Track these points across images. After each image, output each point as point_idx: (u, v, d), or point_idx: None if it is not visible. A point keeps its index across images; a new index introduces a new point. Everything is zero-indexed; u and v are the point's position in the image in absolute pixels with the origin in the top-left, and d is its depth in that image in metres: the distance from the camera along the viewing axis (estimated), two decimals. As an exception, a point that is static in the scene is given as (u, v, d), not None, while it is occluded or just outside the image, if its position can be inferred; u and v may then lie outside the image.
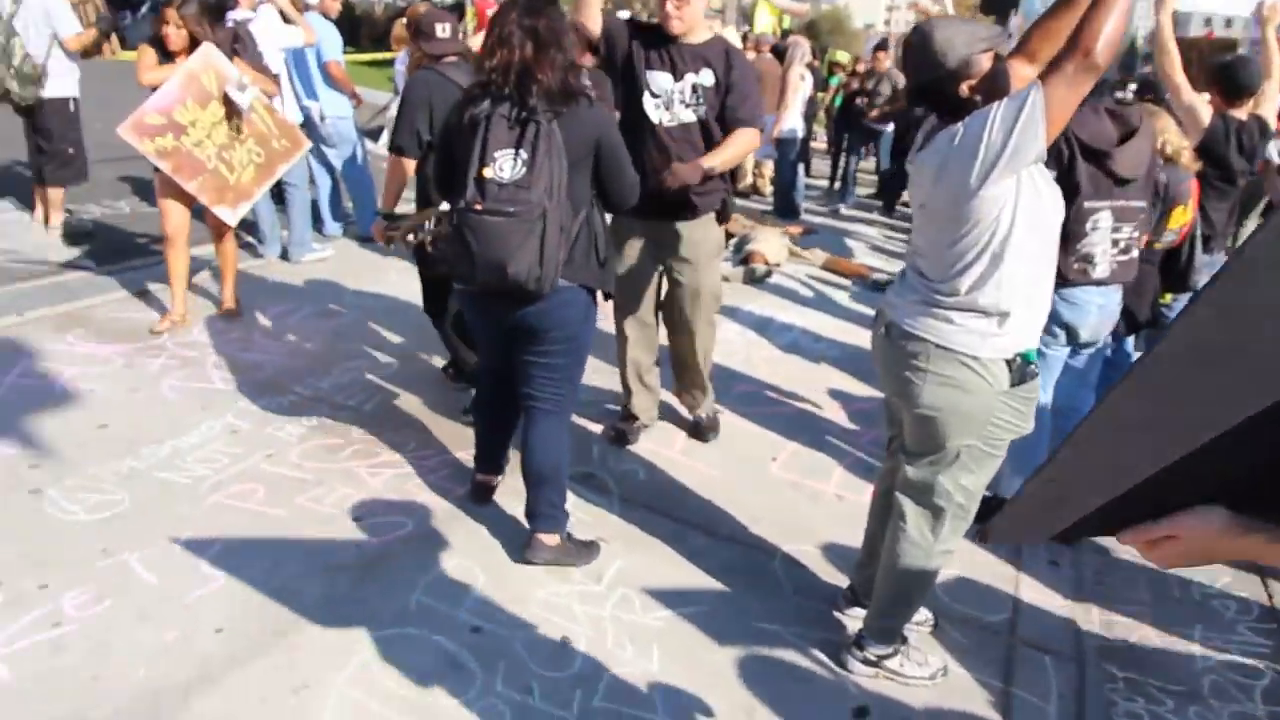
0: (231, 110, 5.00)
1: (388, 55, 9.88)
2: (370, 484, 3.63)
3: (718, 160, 3.59)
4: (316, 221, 7.03)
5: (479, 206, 2.71)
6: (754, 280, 6.97)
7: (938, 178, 2.28)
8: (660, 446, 4.16)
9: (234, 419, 4.10)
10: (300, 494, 3.52)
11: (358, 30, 24.14)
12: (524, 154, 2.72)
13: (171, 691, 2.52)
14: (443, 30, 4.07)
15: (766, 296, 6.62)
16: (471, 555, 3.22)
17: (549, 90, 2.74)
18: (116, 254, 6.36)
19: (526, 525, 3.23)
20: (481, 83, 2.85)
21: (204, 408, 4.19)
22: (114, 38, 6.30)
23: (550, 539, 3.19)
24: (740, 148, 3.68)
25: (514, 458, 3.55)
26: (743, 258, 7.45)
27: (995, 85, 2.23)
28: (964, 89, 2.26)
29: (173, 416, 4.08)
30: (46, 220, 6.57)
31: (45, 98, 6.13)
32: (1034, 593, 3.33)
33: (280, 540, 3.21)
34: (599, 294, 3.10)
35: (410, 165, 3.85)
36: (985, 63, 2.24)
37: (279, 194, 6.42)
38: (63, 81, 6.20)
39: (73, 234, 6.57)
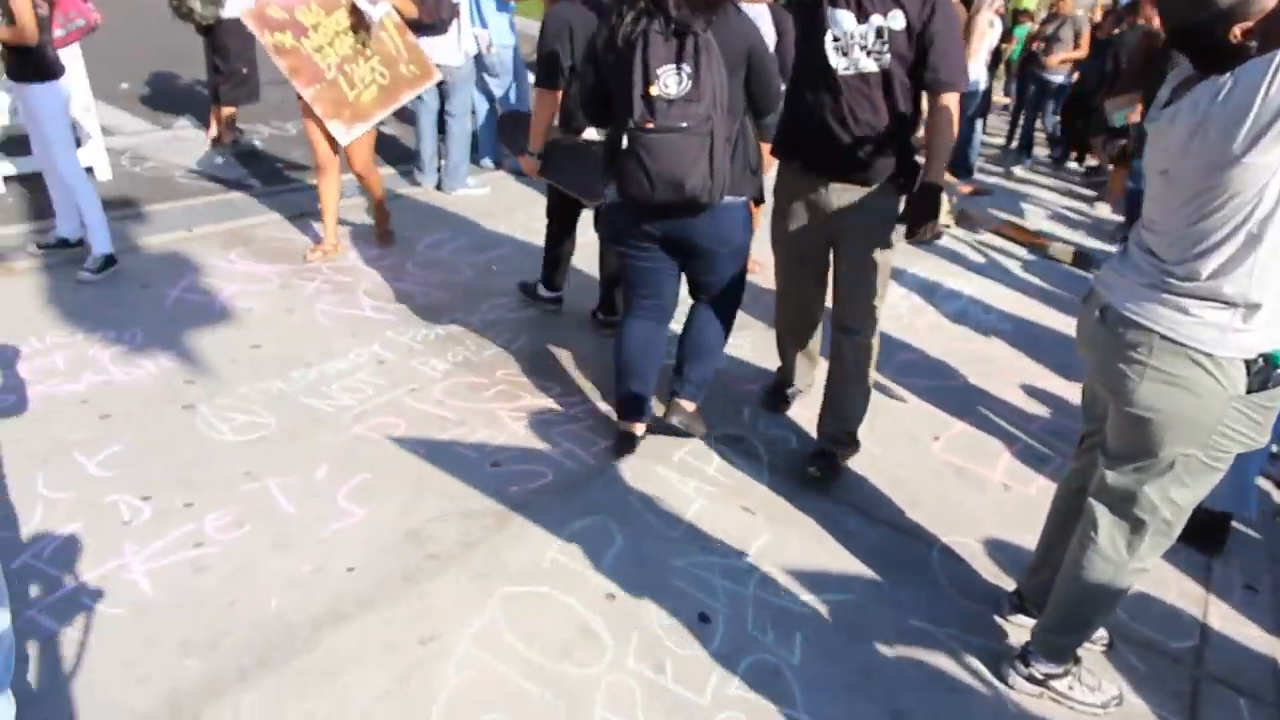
0: (358, 22, 4.73)
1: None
2: (511, 428, 3.53)
3: (938, 174, 2.98)
4: (474, 153, 6.99)
5: (650, 125, 2.76)
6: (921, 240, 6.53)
7: (1190, 140, 1.91)
8: (816, 414, 3.91)
9: (381, 349, 4.07)
10: (441, 432, 3.45)
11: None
12: (686, 68, 2.74)
13: (303, 625, 2.48)
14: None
15: (933, 259, 6.20)
16: (611, 514, 3.07)
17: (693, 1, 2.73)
18: (279, 176, 6.48)
19: (667, 469, 3.08)
20: (624, 1, 2.82)
21: (353, 334, 4.18)
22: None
23: (690, 405, 3.45)
24: (946, 132, 2.95)
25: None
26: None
27: (1278, 29, 1.84)
28: (1236, 33, 1.87)
29: (322, 342, 4.09)
30: (219, 139, 6.74)
31: (224, 17, 6.24)
32: (1226, 620, 2.94)
33: (418, 480, 3.14)
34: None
35: (556, 97, 3.81)
36: (1268, 1, 1.85)
37: (441, 122, 6.38)
38: (241, 1, 6.27)
39: (241, 153, 6.73)
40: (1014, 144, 10.30)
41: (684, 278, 3.35)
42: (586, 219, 4.22)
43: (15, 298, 4.28)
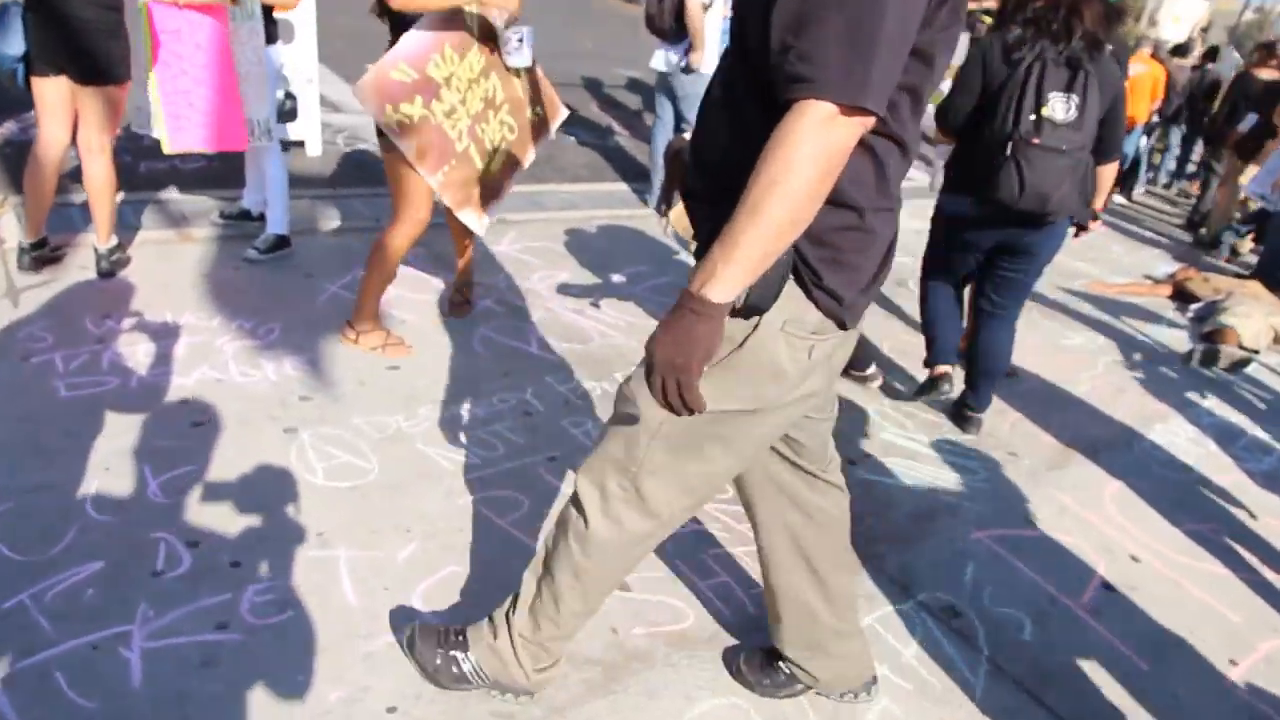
0: (492, 51, 3.33)
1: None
2: (666, 550, 2.73)
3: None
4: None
5: (1036, 141, 3.08)
6: (1219, 366, 5.21)
7: None
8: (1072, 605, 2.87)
9: (533, 397, 3.39)
10: (569, 524, 2.70)
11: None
12: (1075, 98, 3.08)
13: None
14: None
15: (1237, 394, 4.88)
16: (758, 696, 2.21)
17: (1090, 35, 3.03)
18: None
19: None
20: (1024, 20, 3.11)
21: (506, 373, 3.53)
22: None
23: (981, 416, 3.78)
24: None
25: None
26: (1205, 332, 5.67)
27: None
28: None
29: (469, 375, 3.45)
30: (440, 129, 6.38)
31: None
32: None
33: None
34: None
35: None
36: None
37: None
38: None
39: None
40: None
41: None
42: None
43: (178, 269, 3.94)
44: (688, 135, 3.73)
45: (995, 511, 3.20)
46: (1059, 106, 3.04)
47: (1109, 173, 3.54)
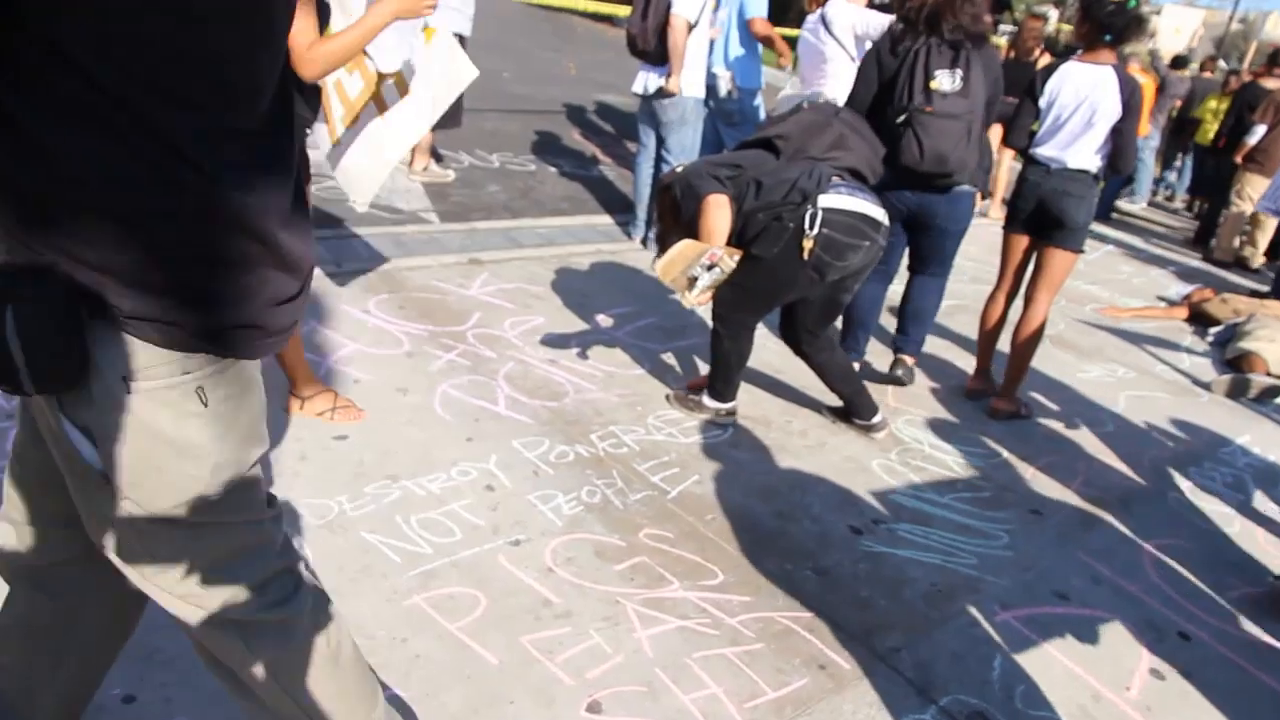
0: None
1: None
2: (638, 640, 2.35)
3: None
4: None
5: (929, 109, 3.54)
6: (1249, 396, 4.85)
7: None
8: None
9: (496, 466, 3.01)
10: (532, 626, 2.32)
11: None
12: (959, 72, 3.55)
13: None
14: None
15: (1273, 427, 4.52)
16: None
17: (963, 29, 3.55)
18: (462, 212, 5.67)
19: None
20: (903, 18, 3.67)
21: (469, 438, 3.16)
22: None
23: (911, 360, 4.23)
24: None
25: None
26: (1230, 359, 5.32)
27: None
28: None
29: (427, 443, 3.08)
30: (411, 163, 6.06)
31: (428, 30, 5.53)
32: None
33: (470, 715, 2.02)
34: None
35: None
36: None
37: (659, 168, 5.39)
38: (452, 15, 5.56)
39: (432, 182, 6.02)
40: None
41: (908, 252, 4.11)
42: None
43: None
44: (680, 167, 3.42)
45: (1021, 586, 2.82)
46: (945, 80, 3.53)
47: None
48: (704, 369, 3.97)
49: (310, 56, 2.50)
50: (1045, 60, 7.67)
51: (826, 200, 3.09)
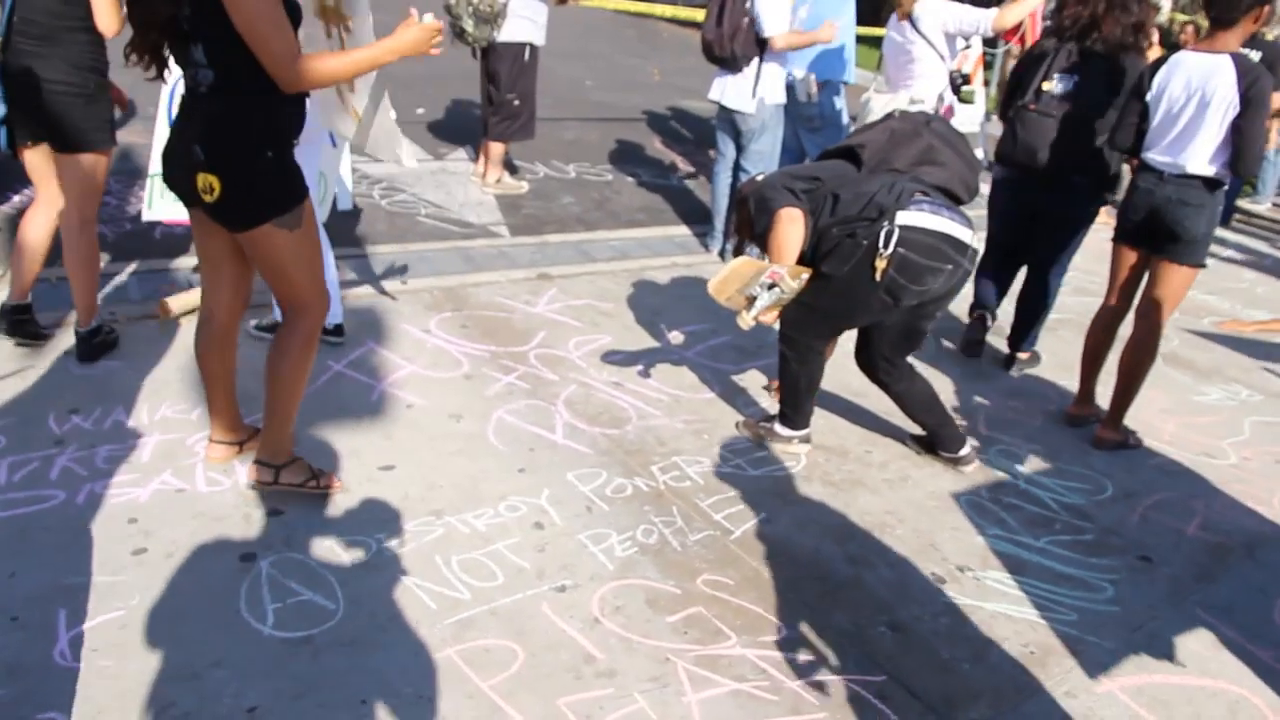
0: None
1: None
2: (687, 706, 2.13)
3: None
4: None
5: (1032, 107, 3.87)
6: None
7: None
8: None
9: (548, 502, 2.83)
10: (572, 687, 2.12)
11: None
12: (1075, 77, 3.80)
13: None
14: None
15: None
16: None
17: (1104, 39, 3.74)
18: (533, 225, 5.53)
19: None
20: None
21: (521, 469, 2.99)
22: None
23: (1019, 355, 4.30)
24: None
25: None
26: None
27: None
28: None
29: (476, 476, 2.92)
30: (484, 174, 5.96)
31: (498, 41, 5.41)
32: None
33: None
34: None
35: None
36: None
37: (736, 178, 5.16)
38: (522, 25, 5.44)
39: (504, 195, 5.90)
40: None
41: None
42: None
43: (166, 351, 3.52)
44: (758, 177, 3.22)
45: (1129, 648, 2.50)
46: (1058, 83, 3.81)
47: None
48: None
49: (298, 70, 2.28)
50: (1156, 54, 7.15)
51: (905, 217, 2.81)
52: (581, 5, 5.80)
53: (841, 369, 3.63)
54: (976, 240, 2.94)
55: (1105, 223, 5.94)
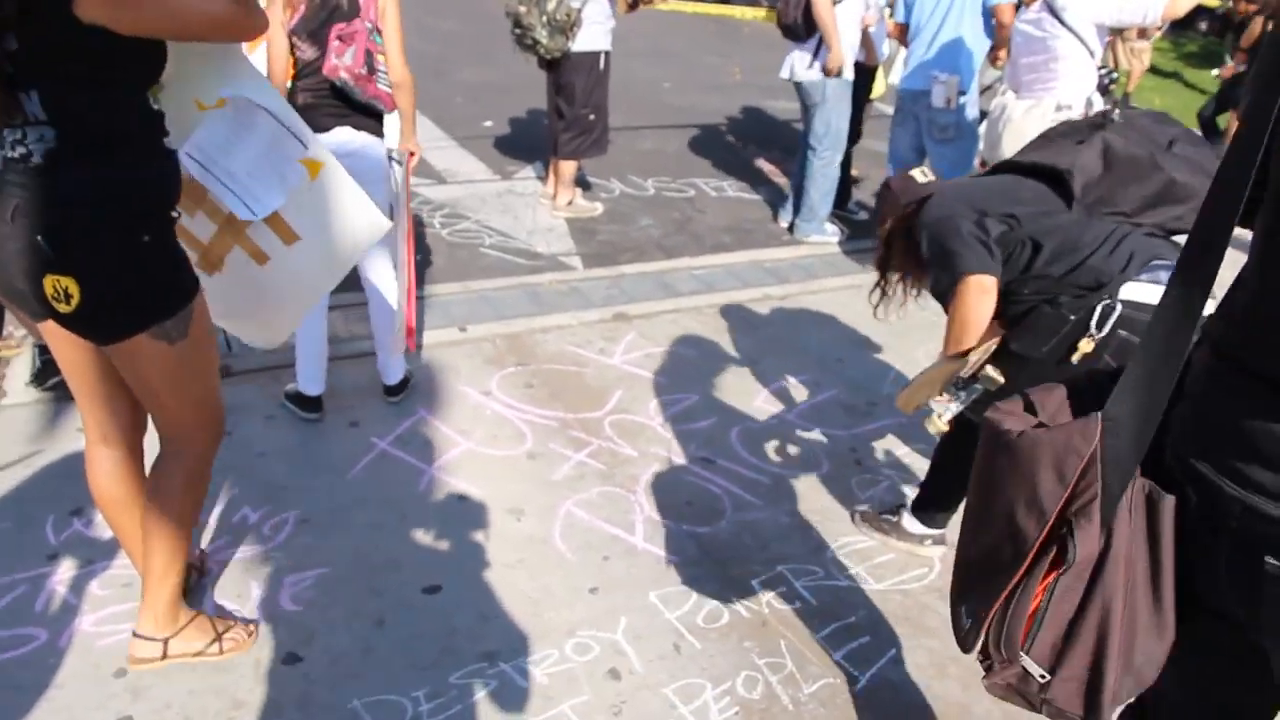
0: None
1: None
2: None
3: None
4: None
5: None
6: None
7: None
8: None
9: (626, 639, 2.29)
10: None
11: None
12: None
13: None
14: None
15: None
16: None
17: None
18: (610, 254, 4.99)
19: None
20: None
21: (594, 589, 2.45)
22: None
23: None
24: None
25: None
26: None
27: None
28: None
29: (538, 596, 2.40)
30: (555, 196, 5.45)
31: (573, 51, 4.89)
32: None
33: None
34: None
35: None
36: None
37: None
38: (596, 32, 4.91)
39: (576, 218, 5.38)
40: None
41: None
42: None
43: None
44: (928, 178, 2.44)
45: None
46: None
47: None
48: (907, 470, 3.12)
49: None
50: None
51: (1132, 290, 2.07)
52: (655, 7, 5.23)
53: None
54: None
55: None
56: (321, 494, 2.76)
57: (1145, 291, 2.06)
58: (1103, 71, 3.73)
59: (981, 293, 2.14)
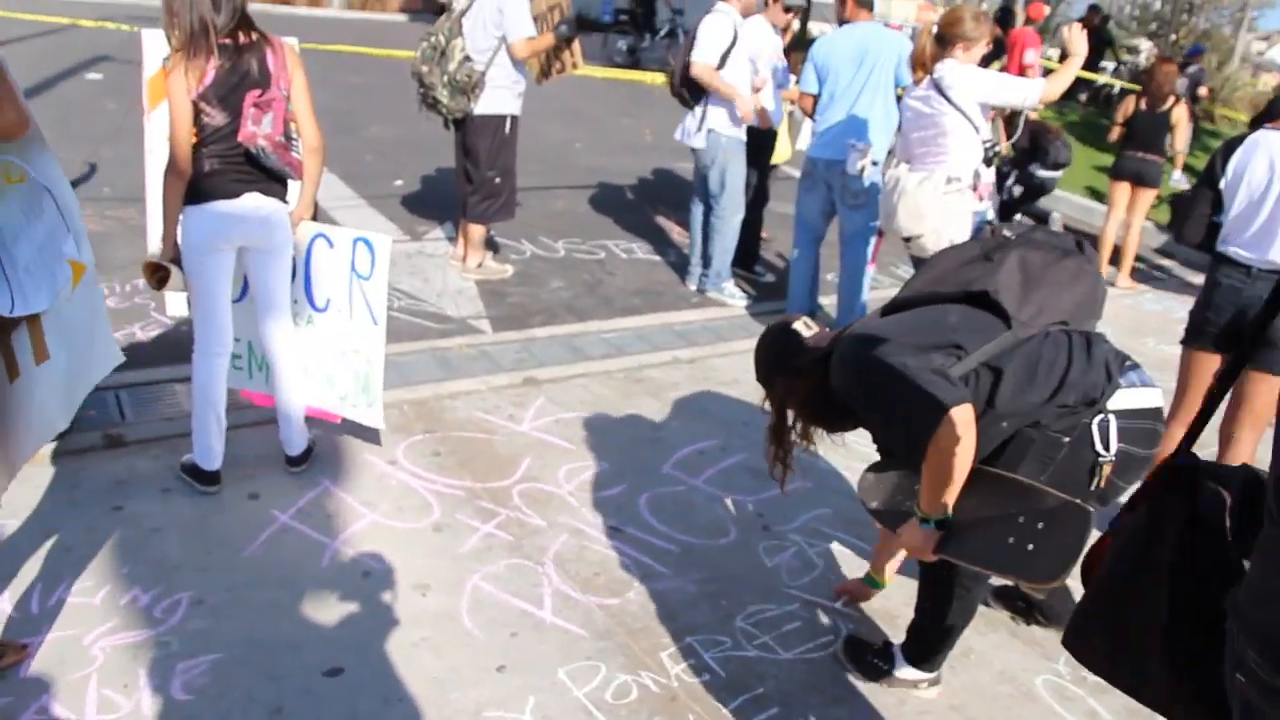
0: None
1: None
2: None
3: None
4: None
5: None
6: None
7: None
8: None
9: (534, 717, 2.25)
10: None
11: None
12: None
13: None
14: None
15: None
16: None
17: None
18: (518, 318, 4.99)
19: None
20: None
21: (501, 668, 2.41)
22: (575, 48, 4.86)
23: None
24: None
25: None
26: None
27: None
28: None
29: (443, 677, 2.34)
30: (464, 258, 5.44)
31: (476, 113, 4.92)
32: None
33: None
34: None
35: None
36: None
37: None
38: (501, 95, 4.95)
39: (486, 280, 5.38)
40: None
41: None
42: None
43: (76, 498, 2.96)
44: (802, 324, 2.29)
45: None
46: None
47: None
48: (814, 535, 3.16)
49: None
50: (1181, 111, 6.74)
51: (1120, 399, 2.06)
52: (570, 75, 5.32)
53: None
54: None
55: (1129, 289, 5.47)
56: (217, 572, 2.67)
57: (1134, 397, 2.04)
58: (987, 144, 3.92)
59: (967, 427, 1.90)
